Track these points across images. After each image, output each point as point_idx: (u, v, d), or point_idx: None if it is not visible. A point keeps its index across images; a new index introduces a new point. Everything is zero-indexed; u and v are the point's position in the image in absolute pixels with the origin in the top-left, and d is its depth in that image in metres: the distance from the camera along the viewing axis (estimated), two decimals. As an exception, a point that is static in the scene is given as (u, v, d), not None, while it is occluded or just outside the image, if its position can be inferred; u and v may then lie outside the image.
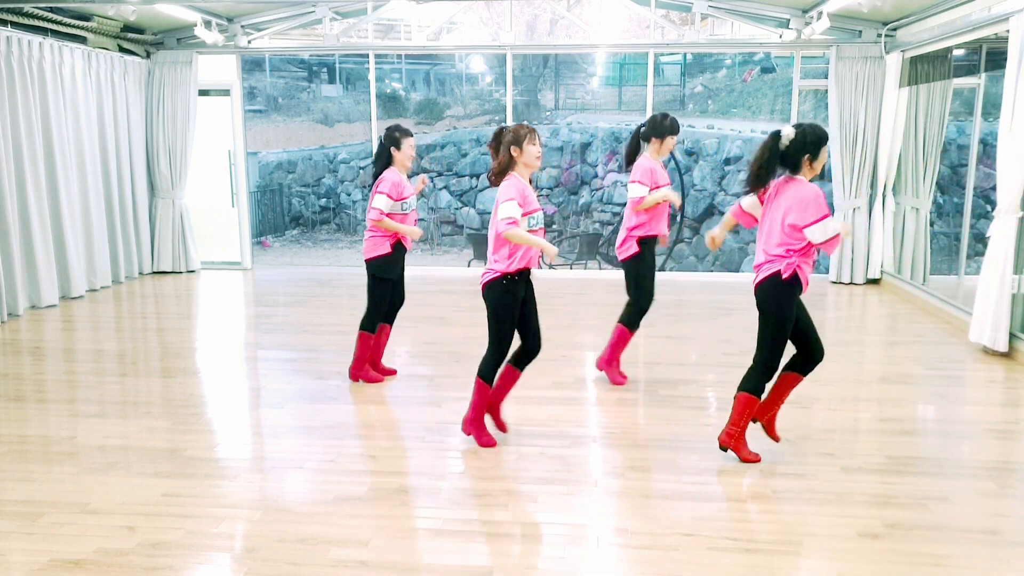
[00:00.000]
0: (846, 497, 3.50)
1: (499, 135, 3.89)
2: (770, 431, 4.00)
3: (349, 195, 19.02)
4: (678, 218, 15.73)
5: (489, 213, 5.19)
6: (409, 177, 4.99)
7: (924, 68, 7.86)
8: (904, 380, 5.23)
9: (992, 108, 6.62)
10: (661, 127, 4.82)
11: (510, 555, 3.04)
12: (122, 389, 5.06)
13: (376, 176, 4.85)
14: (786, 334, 3.73)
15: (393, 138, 4.79)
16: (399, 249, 4.92)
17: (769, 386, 3.87)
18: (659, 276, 5.60)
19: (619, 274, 5.22)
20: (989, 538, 3.16)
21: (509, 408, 4.64)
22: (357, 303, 7.76)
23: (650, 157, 4.84)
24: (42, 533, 3.17)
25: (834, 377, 5.25)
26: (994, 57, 6.81)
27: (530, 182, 3.92)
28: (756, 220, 3.86)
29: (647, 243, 4.92)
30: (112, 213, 8.41)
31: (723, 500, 3.49)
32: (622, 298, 5.17)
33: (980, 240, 7.28)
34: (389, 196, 4.74)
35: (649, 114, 8.87)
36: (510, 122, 9.11)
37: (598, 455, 4.01)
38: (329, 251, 17.53)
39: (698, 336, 6.34)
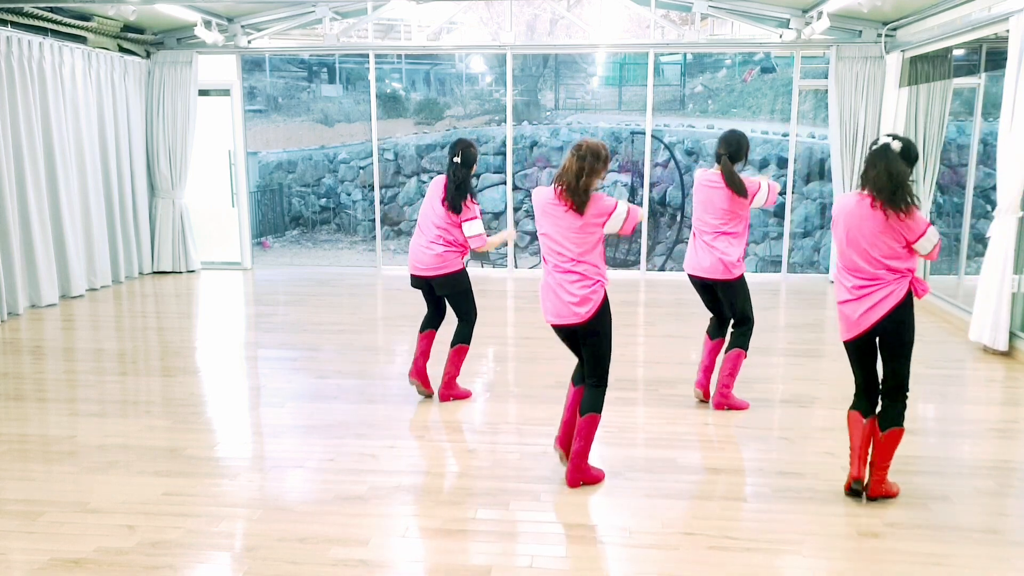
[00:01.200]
0: (846, 497, 3.50)
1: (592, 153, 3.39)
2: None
3: (349, 195, 19.01)
4: (678, 218, 15.73)
5: (488, 213, 5.19)
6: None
7: (924, 68, 7.86)
8: (904, 380, 5.23)
9: (992, 108, 6.62)
10: (743, 145, 4.53)
11: (510, 555, 3.03)
12: (122, 388, 5.06)
13: (462, 193, 4.42)
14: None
15: (471, 154, 4.46)
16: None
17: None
18: (659, 276, 5.61)
19: (619, 274, 5.21)
20: (989, 537, 3.16)
21: (510, 407, 4.65)
22: (357, 303, 7.79)
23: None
24: (42, 532, 3.17)
25: (834, 377, 5.25)
26: (994, 57, 6.82)
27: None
28: None
29: None
30: (112, 213, 8.41)
31: (723, 499, 3.49)
32: (623, 296, 5.16)
33: (980, 240, 7.28)
34: (480, 217, 4.50)
35: (649, 114, 8.89)
36: (510, 122, 9.11)
37: (598, 454, 4.01)
38: (329, 251, 17.51)
39: (698, 336, 6.32)
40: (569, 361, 5.58)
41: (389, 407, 4.72)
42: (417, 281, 4.64)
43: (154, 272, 9.18)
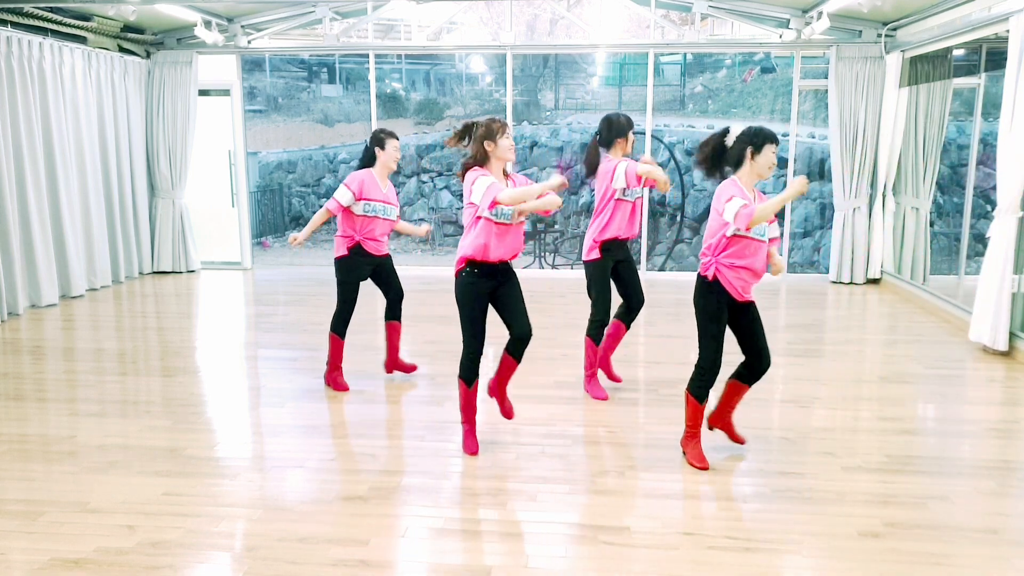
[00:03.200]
0: (846, 496, 3.50)
1: (469, 129, 3.84)
2: (732, 436, 4.02)
3: (349, 195, 18.97)
4: (678, 218, 15.74)
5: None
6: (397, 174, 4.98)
7: (924, 68, 7.86)
8: (904, 379, 5.23)
9: (992, 108, 6.62)
10: (621, 127, 4.57)
11: (510, 554, 3.03)
12: (122, 388, 5.06)
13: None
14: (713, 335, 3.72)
15: (378, 139, 4.75)
16: (357, 252, 4.89)
17: (717, 392, 3.91)
18: (659, 276, 5.62)
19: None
20: (989, 537, 3.16)
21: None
22: (357, 303, 7.77)
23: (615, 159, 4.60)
24: (42, 532, 3.17)
25: (834, 376, 5.26)
26: (994, 57, 6.81)
27: (505, 174, 3.89)
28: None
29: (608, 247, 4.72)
30: (112, 213, 8.41)
31: (723, 499, 3.49)
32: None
33: (980, 240, 7.28)
34: (348, 187, 4.68)
35: (649, 114, 8.89)
36: (510, 122, 9.11)
37: (598, 454, 4.01)
38: (329, 251, 17.46)
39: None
40: (569, 360, 5.59)
41: (389, 407, 4.72)
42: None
43: (154, 272, 9.18)
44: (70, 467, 3.81)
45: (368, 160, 4.80)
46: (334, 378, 5.03)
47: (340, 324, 4.98)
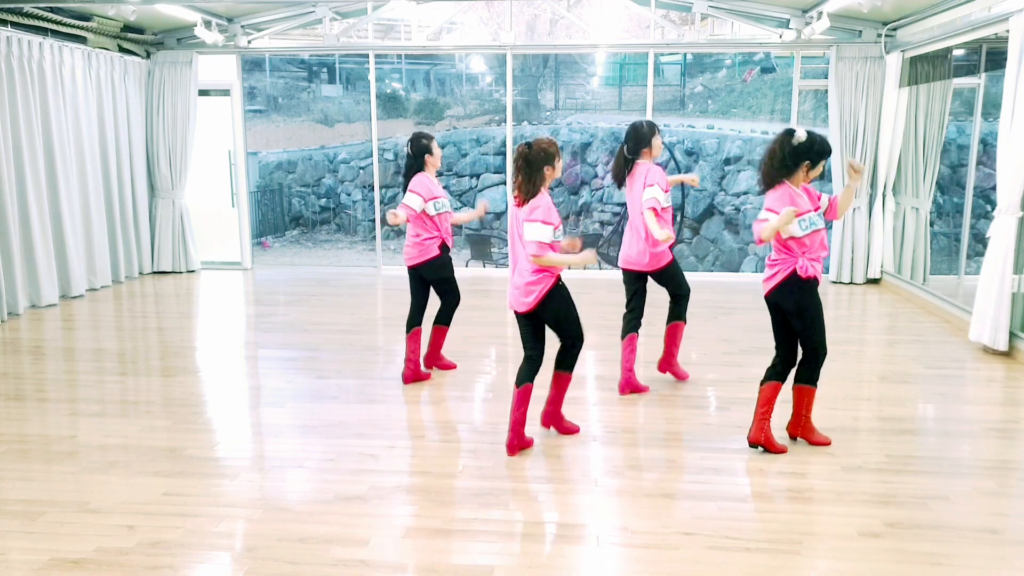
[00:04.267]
0: (846, 496, 3.50)
1: (527, 154, 3.79)
2: (815, 439, 4.10)
3: (349, 195, 19.01)
4: (678, 218, 15.73)
5: (490, 213, 5.32)
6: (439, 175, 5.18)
7: (924, 68, 7.86)
8: (904, 379, 5.23)
9: (992, 108, 6.62)
10: (645, 134, 4.71)
11: (510, 554, 3.04)
12: (122, 388, 5.06)
13: (407, 181, 4.96)
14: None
15: (425, 146, 4.95)
16: (445, 249, 5.06)
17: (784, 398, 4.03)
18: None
19: (619, 274, 5.25)
20: (989, 537, 3.16)
21: (508, 406, 4.64)
22: (357, 303, 7.79)
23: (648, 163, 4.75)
24: (42, 532, 3.17)
25: (834, 376, 5.26)
26: (994, 57, 6.81)
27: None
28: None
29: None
30: (112, 213, 8.41)
31: (723, 499, 3.49)
32: (622, 297, 5.19)
33: (980, 240, 7.28)
34: (418, 193, 4.86)
35: (649, 114, 8.89)
36: (510, 122, 9.11)
37: (598, 454, 4.01)
38: (329, 251, 17.51)
39: (698, 336, 6.34)
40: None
41: (389, 407, 4.72)
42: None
43: (154, 272, 9.18)
44: (70, 467, 3.81)
45: (418, 166, 4.95)
46: (417, 369, 5.16)
47: (446, 317, 5.21)
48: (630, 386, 4.89)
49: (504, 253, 10.02)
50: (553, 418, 4.22)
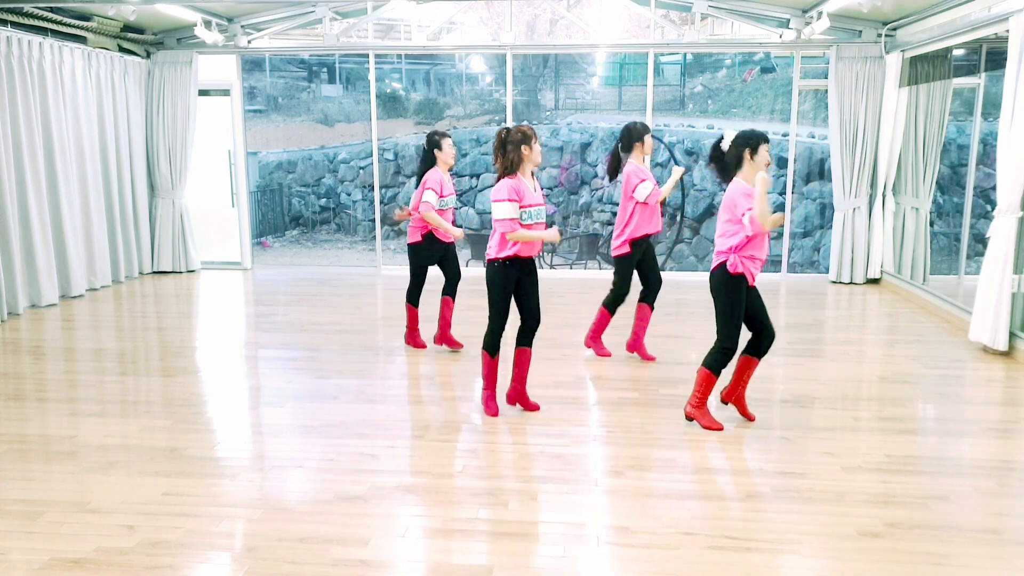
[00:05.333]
0: (846, 496, 3.50)
1: (505, 136, 4.21)
2: (742, 411, 4.44)
3: (349, 195, 19.01)
4: (678, 218, 15.74)
5: (488, 213, 5.52)
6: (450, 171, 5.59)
7: (924, 68, 7.86)
8: (904, 379, 5.23)
9: (992, 108, 6.62)
10: (636, 132, 5.25)
11: (510, 554, 3.03)
12: (122, 388, 5.06)
13: (420, 176, 5.44)
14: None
15: (434, 141, 5.43)
16: (429, 240, 5.58)
17: (730, 369, 4.39)
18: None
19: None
20: (989, 537, 3.16)
21: (510, 407, 4.65)
22: (357, 303, 7.79)
23: (636, 163, 5.29)
24: (42, 532, 3.17)
25: (834, 376, 5.26)
26: (994, 57, 6.81)
27: (532, 175, 4.32)
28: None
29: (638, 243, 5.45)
30: (112, 213, 8.41)
31: (723, 499, 3.49)
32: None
33: (980, 240, 7.28)
34: (433, 190, 5.33)
35: (649, 114, 8.89)
36: (510, 122, 9.11)
37: (598, 454, 4.01)
38: (329, 251, 17.50)
39: (698, 336, 6.34)
40: (569, 360, 5.59)
41: (389, 407, 4.72)
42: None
43: (154, 272, 9.18)
44: (70, 467, 3.81)
45: (430, 161, 5.44)
46: (414, 338, 5.91)
47: (413, 296, 5.83)
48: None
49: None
50: (519, 396, 4.58)
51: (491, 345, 4.44)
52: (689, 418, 4.34)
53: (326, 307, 7.52)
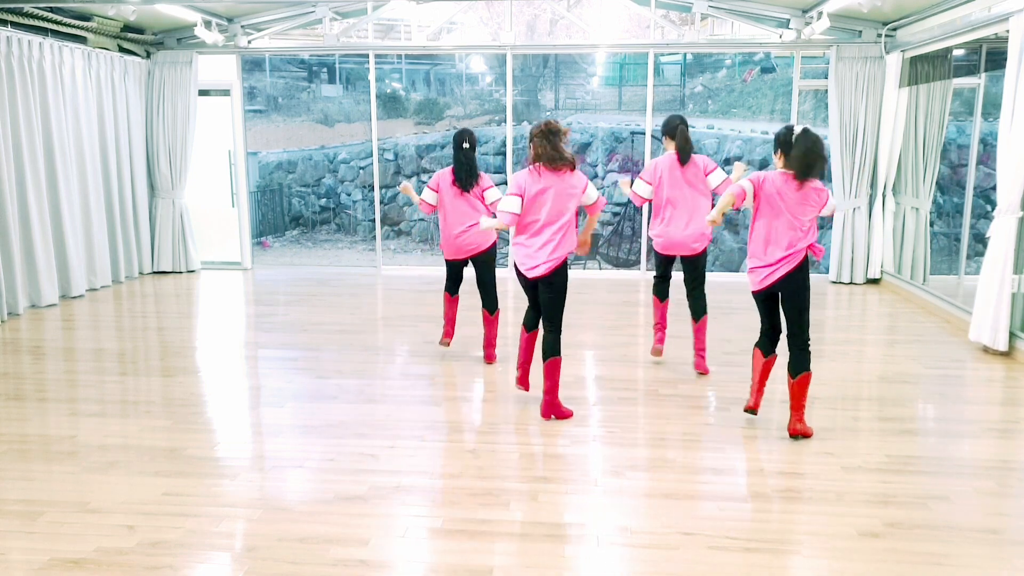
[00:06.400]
0: (846, 496, 3.50)
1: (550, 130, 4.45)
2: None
3: (349, 195, 19.01)
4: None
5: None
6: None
7: (924, 68, 7.86)
8: (904, 379, 5.23)
9: (992, 108, 6.62)
10: (673, 125, 5.37)
11: (510, 554, 3.03)
12: (122, 388, 5.06)
13: (474, 177, 5.31)
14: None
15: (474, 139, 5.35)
16: None
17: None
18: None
19: (619, 274, 5.29)
20: (989, 537, 3.16)
21: (510, 407, 4.65)
22: (357, 303, 7.79)
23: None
24: (42, 532, 3.17)
25: (834, 376, 5.26)
26: (994, 57, 6.81)
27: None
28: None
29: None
30: (112, 213, 8.41)
31: (723, 499, 3.49)
32: (624, 297, 5.19)
33: (980, 240, 7.28)
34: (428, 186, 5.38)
35: (649, 114, 8.90)
36: (510, 122, 9.11)
37: (598, 454, 4.01)
38: (329, 251, 17.50)
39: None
40: (569, 360, 5.59)
41: (389, 407, 4.72)
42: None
43: (154, 272, 9.19)
44: (70, 467, 3.81)
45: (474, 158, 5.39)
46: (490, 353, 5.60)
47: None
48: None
49: (504, 253, 10.06)
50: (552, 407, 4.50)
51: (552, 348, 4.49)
52: (795, 435, 4.14)
53: (326, 307, 7.52)
